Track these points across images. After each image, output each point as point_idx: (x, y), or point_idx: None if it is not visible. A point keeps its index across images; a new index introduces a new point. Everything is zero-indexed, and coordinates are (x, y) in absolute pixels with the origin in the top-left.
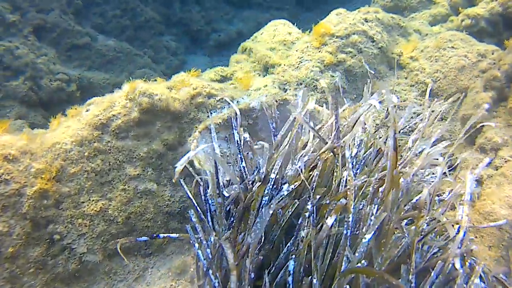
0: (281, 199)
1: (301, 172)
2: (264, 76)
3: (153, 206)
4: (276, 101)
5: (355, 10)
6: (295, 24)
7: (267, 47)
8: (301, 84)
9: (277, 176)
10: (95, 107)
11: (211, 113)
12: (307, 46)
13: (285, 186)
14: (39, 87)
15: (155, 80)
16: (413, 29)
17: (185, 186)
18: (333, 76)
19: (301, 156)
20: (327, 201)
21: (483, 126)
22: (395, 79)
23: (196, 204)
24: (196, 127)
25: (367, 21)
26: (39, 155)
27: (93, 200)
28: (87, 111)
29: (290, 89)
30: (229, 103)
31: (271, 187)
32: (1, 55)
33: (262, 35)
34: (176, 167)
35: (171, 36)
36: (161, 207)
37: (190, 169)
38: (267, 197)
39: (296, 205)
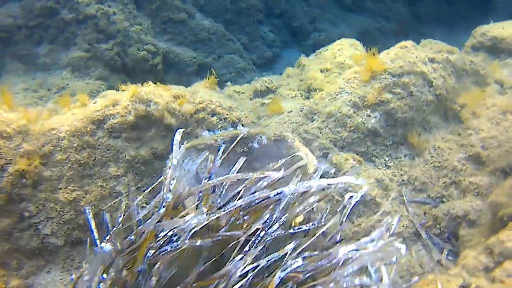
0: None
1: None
2: (306, 98)
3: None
4: (273, 135)
5: (428, 46)
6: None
7: (321, 67)
8: (331, 118)
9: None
10: (102, 101)
11: (209, 132)
12: (355, 77)
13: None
14: (125, 54)
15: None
16: (495, 79)
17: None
18: (369, 116)
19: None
20: None
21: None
22: (444, 134)
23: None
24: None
25: (432, 61)
26: (33, 137)
27: (69, 189)
28: (95, 102)
29: (317, 120)
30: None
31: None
32: (98, 18)
33: (325, 52)
34: None
35: (270, 27)
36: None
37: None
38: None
39: None
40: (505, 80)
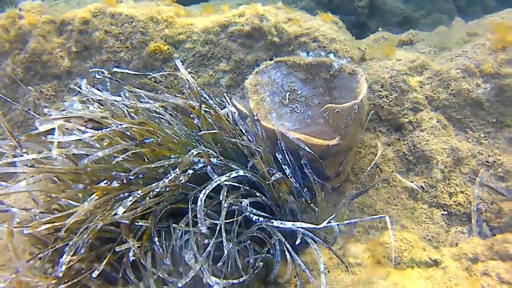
0: None
1: None
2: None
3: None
4: (350, 69)
5: None
6: None
7: (469, 31)
8: (437, 76)
9: None
10: (234, 11)
11: (303, 54)
12: (484, 44)
13: None
14: None
15: None
16: None
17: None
18: (478, 86)
19: None
20: None
21: None
22: None
23: None
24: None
25: None
26: (174, 26)
27: (188, 70)
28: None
29: (424, 75)
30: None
31: None
32: None
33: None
34: None
35: None
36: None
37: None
38: None
39: None
40: None
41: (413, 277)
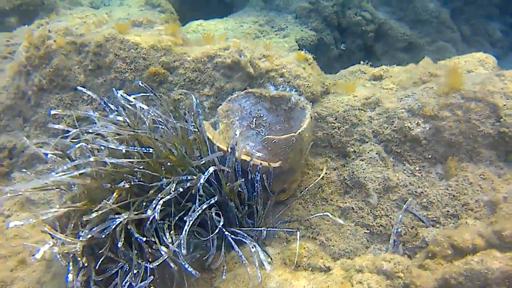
0: None
1: None
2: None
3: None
4: (302, 105)
5: None
6: None
7: (432, 71)
8: (386, 113)
9: None
10: (222, 44)
11: (272, 87)
12: (432, 87)
13: None
14: (343, 15)
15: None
16: None
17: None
18: (418, 125)
19: None
20: None
21: None
22: (487, 172)
23: None
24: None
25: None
26: (171, 54)
27: (178, 92)
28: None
29: (375, 111)
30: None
31: None
32: None
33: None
34: None
35: (502, 25)
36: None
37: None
38: None
39: None
40: None
41: (301, 276)
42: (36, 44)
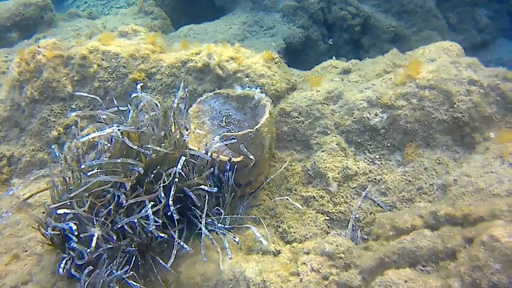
0: None
1: None
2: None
3: None
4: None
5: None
6: None
7: (397, 63)
8: (347, 105)
9: None
10: (194, 49)
11: (238, 87)
12: (390, 78)
13: None
14: (328, 10)
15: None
16: None
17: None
18: (376, 115)
19: None
20: None
21: None
22: (443, 156)
23: None
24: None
25: (474, 84)
26: (149, 62)
27: (156, 97)
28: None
29: (337, 104)
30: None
31: None
32: None
33: (418, 51)
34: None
35: (488, 11)
36: None
37: None
38: None
39: None
40: None
41: (251, 259)
42: (27, 59)
